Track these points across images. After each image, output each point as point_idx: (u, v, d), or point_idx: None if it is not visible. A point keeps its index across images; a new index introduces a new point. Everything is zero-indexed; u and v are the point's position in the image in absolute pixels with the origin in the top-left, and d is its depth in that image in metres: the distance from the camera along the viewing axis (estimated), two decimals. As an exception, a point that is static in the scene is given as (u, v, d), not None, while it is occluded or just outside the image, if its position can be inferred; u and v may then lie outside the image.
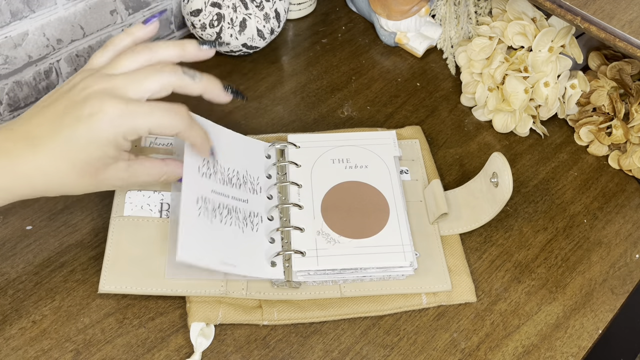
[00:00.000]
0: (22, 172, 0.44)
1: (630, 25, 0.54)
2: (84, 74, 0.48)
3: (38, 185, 0.46)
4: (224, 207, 0.55)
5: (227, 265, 0.52)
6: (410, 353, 0.53)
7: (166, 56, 0.49)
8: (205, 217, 0.53)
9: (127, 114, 0.45)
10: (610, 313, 0.57)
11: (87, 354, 0.51)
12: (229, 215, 0.55)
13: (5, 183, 0.44)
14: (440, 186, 0.60)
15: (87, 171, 0.46)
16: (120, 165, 0.48)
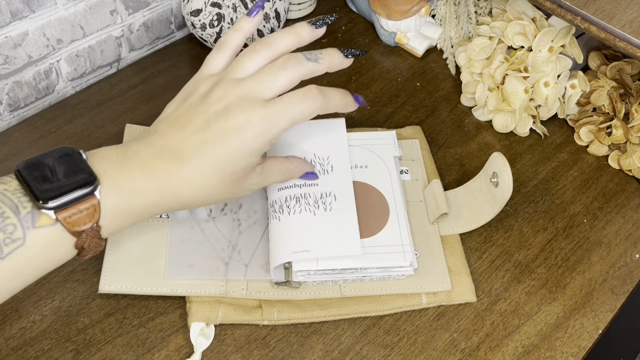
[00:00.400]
0: (172, 188, 0.44)
1: (630, 25, 0.54)
2: (209, 81, 0.47)
3: (187, 199, 0.45)
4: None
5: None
6: (410, 353, 0.53)
7: (285, 48, 0.48)
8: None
9: (270, 118, 0.45)
10: (610, 313, 0.57)
11: (87, 354, 0.51)
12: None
13: (155, 199, 0.44)
14: (440, 186, 0.60)
15: (233, 181, 0.46)
16: (257, 169, 0.48)
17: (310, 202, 0.55)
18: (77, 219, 0.40)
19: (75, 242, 0.40)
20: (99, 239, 0.41)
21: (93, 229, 0.40)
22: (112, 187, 0.42)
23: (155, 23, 0.75)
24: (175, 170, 0.44)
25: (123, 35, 0.73)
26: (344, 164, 0.58)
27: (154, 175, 0.43)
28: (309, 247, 0.53)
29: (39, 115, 0.68)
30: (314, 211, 0.55)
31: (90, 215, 0.40)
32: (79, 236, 0.40)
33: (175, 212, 0.57)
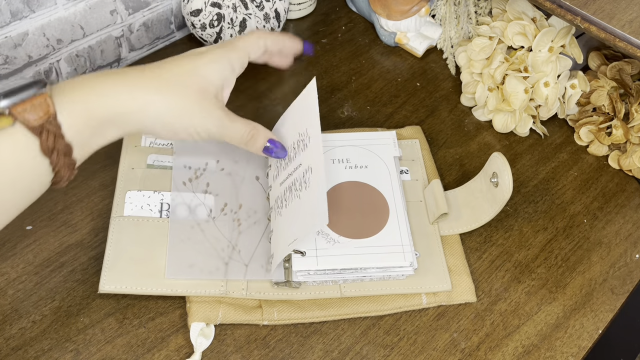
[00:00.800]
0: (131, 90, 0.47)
1: (630, 25, 0.54)
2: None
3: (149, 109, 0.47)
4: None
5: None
6: (410, 353, 0.53)
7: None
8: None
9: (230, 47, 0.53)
10: (610, 313, 0.57)
11: (87, 354, 0.51)
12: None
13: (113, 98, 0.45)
14: (440, 186, 0.60)
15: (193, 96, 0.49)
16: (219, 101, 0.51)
17: (297, 187, 0.54)
18: (31, 111, 0.41)
19: (39, 144, 0.41)
20: (64, 143, 0.42)
21: (52, 124, 0.41)
22: (66, 85, 0.44)
23: (155, 23, 0.75)
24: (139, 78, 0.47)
25: (123, 35, 0.73)
26: (315, 129, 0.55)
27: (113, 79, 0.46)
28: (295, 236, 0.52)
29: (39, 115, 0.68)
30: (299, 195, 0.54)
31: (43, 108, 0.41)
32: (40, 134, 0.41)
33: (176, 210, 0.57)
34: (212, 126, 0.50)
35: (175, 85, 0.48)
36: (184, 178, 0.59)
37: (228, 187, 0.60)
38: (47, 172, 0.43)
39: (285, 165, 0.57)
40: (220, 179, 0.60)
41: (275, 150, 0.55)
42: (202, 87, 0.50)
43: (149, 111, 0.47)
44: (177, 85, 0.48)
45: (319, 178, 0.51)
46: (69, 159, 0.43)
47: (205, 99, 0.50)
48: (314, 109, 0.55)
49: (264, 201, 0.60)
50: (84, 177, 0.62)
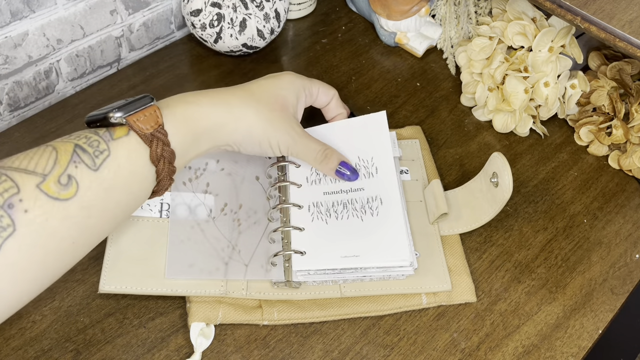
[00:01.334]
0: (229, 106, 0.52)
1: (630, 25, 0.54)
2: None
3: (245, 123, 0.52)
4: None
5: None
6: (410, 353, 0.53)
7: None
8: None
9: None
10: (610, 313, 0.57)
11: (87, 354, 0.51)
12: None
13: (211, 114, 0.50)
14: (440, 186, 0.60)
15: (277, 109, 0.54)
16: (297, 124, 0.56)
17: (357, 208, 0.57)
18: (143, 121, 0.45)
19: (149, 152, 0.45)
20: (170, 151, 0.46)
21: (161, 132, 0.45)
22: (168, 100, 0.49)
23: (155, 23, 0.75)
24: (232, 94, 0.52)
25: (123, 35, 0.73)
26: (389, 164, 0.58)
27: (212, 95, 0.51)
28: (358, 253, 0.54)
29: (39, 115, 0.68)
30: (361, 217, 0.56)
31: (154, 118, 0.46)
32: (151, 143, 0.45)
33: (176, 210, 0.57)
34: (292, 141, 0.54)
35: (264, 100, 0.53)
36: (184, 178, 0.59)
37: (228, 187, 0.60)
38: (152, 180, 0.47)
39: (335, 179, 0.59)
40: (220, 179, 0.60)
41: (348, 174, 0.58)
42: (284, 104, 0.54)
43: (241, 122, 0.51)
44: (266, 100, 0.53)
45: (397, 218, 0.55)
46: (171, 167, 0.47)
47: (287, 115, 0.54)
48: (387, 146, 0.59)
49: (264, 201, 0.60)
50: (84, 177, 0.62)
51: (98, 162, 0.43)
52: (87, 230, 0.43)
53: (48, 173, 0.41)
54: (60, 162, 0.41)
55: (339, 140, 0.60)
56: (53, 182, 0.40)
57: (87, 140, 0.43)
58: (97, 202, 0.43)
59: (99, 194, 0.42)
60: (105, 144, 0.44)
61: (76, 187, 0.41)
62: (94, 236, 0.44)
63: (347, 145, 0.60)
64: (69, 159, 0.42)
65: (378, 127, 0.60)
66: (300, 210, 0.57)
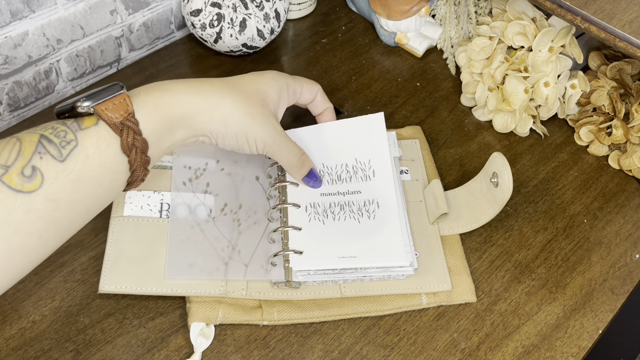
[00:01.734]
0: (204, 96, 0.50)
1: (630, 25, 0.54)
2: None
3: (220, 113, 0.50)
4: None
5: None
6: (410, 353, 0.53)
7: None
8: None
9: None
10: (610, 313, 0.57)
11: (87, 354, 0.51)
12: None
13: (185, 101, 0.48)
14: (440, 186, 0.60)
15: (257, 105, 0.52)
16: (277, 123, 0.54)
17: (354, 210, 0.57)
18: (112, 109, 0.44)
19: (120, 142, 0.44)
20: (142, 140, 0.45)
21: (131, 121, 0.44)
22: (140, 88, 0.47)
23: (155, 23, 0.75)
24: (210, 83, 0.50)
25: (123, 35, 0.73)
26: (386, 166, 0.58)
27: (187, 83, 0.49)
28: (355, 254, 0.54)
29: (39, 115, 0.68)
30: (358, 219, 0.56)
31: (123, 107, 0.44)
32: (121, 132, 0.43)
33: (176, 210, 0.57)
34: (270, 140, 0.52)
35: (243, 92, 0.51)
36: (184, 178, 0.59)
37: (228, 187, 0.60)
38: (125, 171, 0.45)
39: (330, 180, 0.58)
40: (220, 179, 0.60)
41: (314, 181, 0.58)
42: (264, 100, 0.53)
43: (217, 112, 0.49)
44: (245, 92, 0.51)
45: (393, 222, 0.55)
46: (145, 157, 0.45)
47: (267, 111, 0.52)
48: (384, 149, 0.59)
49: (264, 201, 0.59)
50: (84, 177, 0.62)
51: (65, 153, 0.41)
52: (55, 224, 0.41)
53: (10, 165, 0.39)
54: (24, 154, 0.40)
55: (334, 141, 0.60)
56: (16, 174, 0.39)
57: (53, 131, 0.42)
58: (65, 194, 0.41)
59: (66, 186, 0.41)
60: (72, 134, 0.42)
61: (41, 179, 0.40)
62: (64, 230, 0.43)
63: (344, 146, 0.60)
64: (33, 150, 0.41)
65: (376, 129, 0.60)
66: (298, 210, 0.57)
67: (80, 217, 0.44)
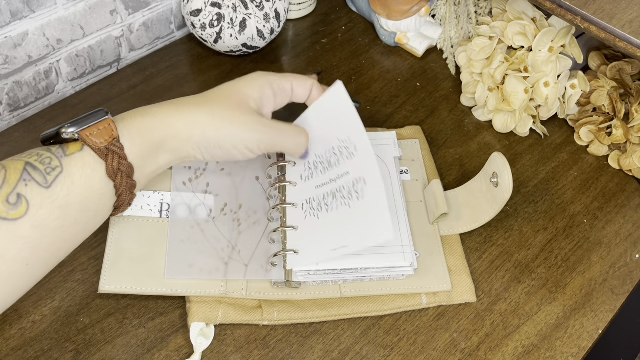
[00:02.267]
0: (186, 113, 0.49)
1: (630, 25, 0.54)
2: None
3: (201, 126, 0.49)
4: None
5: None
6: (410, 353, 0.53)
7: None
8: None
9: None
10: (610, 313, 0.57)
11: (87, 354, 0.51)
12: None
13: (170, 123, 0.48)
14: (440, 186, 0.60)
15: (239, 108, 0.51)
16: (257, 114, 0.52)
17: (345, 195, 0.54)
18: (97, 135, 0.44)
19: (106, 168, 0.44)
20: (127, 164, 0.45)
21: (116, 146, 0.44)
22: (124, 115, 0.47)
23: (155, 23, 0.75)
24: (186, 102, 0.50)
25: (123, 35, 0.73)
26: (363, 137, 0.54)
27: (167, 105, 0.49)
28: (346, 243, 0.53)
29: (39, 115, 0.68)
30: (349, 203, 0.54)
31: (108, 132, 0.44)
32: (106, 157, 0.44)
33: (176, 210, 0.57)
34: (261, 135, 0.51)
35: (219, 100, 0.50)
36: (184, 178, 0.59)
37: (228, 187, 0.60)
38: (111, 195, 0.45)
39: (323, 169, 0.56)
40: (220, 179, 0.60)
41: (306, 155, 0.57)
42: (241, 100, 0.51)
43: (196, 127, 0.49)
44: (222, 99, 0.50)
45: (378, 192, 0.51)
46: (130, 181, 0.46)
47: (247, 110, 0.51)
48: (354, 117, 0.54)
49: (264, 201, 0.59)
50: (84, 177, 0.62)
51: (50, 180, 0.41)
52: (41, 251, 0.41)
53: None
54: (9, 181, 0.40)
55: (315, 129, 0.57)
56: (0, 201, 0.39)
57: (38, 158, 0.42)
58: (51, 221, 0.41)
59: (52, 213, 0.41)
60: (57, 161, 0.42)
61: (26, 206, 0.40)
62: (51, 257, 0.43)
63: (324, 130, 0.57)
64: (18, 177, 0.41)
65: (340, 100, 0.55)
66: (295, 210, 0.57)
67: (67, 243, 0.44)
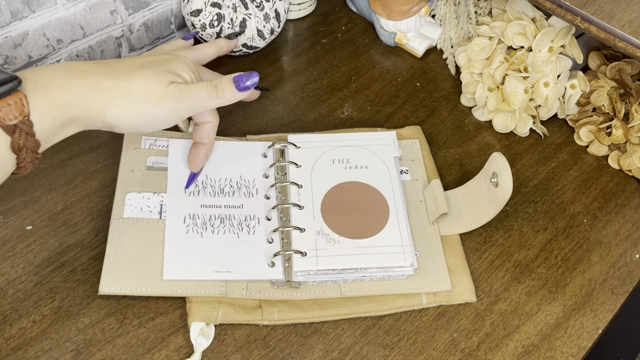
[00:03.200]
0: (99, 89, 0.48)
1: (630, 25, 0.54)
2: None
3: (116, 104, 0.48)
4: (216, 217, 0.57)
5: (222, 272, 0.54)
6: (410, 353, 0.53)
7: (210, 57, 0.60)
8: (194, 233, 0.56)
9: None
10: (610, 313, 0.57)
11: (87, 354, 0.51)
12: (221, 224, 0.57)
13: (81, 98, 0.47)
14: (440, 186, 0.60)
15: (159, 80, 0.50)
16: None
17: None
18: (7, 111, 0.42)
19: (10, 142, 0.43)
20: (34, 141, 0.44)
21: (25, 124, 0.43)
22: (37, 84, 0.44)
23: (155, 23, 0.75)
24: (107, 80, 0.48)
25: (123, 35, 0.73)
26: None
27: (88, 76, 0.47)
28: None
29: (39, 115, 0.68)
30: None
31: (19, 107, 0.42)
32: (13, 133, 0.42)
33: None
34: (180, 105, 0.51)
35: (137, 77, 0.49)
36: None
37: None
38: (12, 165, 0.44)
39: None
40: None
41: (248, 80, 0.54)
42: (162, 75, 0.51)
43: (110, 107, 0.48)
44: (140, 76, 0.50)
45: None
46: (35, 154, 0.45)
47: (164, 82, 0.50)
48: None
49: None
50: (84, 177, 0.62)
51: None
52: None
53: None
54: None
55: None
56: None
57: None
58: None
59: None
60: None
61: None
62: None
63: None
64: None
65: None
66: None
67: None
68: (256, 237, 0.57)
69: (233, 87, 0.53)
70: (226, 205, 0.58)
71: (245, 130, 0.67)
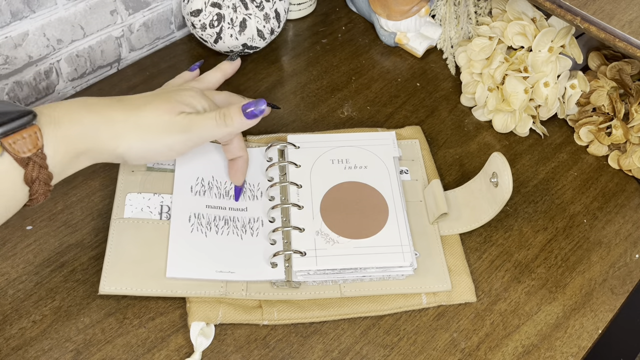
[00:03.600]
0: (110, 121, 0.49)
1: (630, 25, 0.54)
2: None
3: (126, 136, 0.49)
4: (220, 218, 0.57)
5: (224, 273, 0.54)
6: (410, 353, 0.53)
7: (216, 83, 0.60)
8: (199, 232, 0.56)
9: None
10: (610, 313, 0.57)
11: (87, 354, 0.51)
12: (225, 225, 0.57)
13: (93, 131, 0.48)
14: (440, 186, 0.60)
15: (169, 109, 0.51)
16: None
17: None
18: (21, 144, 0.43)
19: (24, 174, 0.43)
20: (47, 173, 0.45)
21: (39, 156, 0.43)
22: (51, 117, 0.46)
23: (155, 23, 0.75)
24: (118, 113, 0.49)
25: (123, 35, 0.73)
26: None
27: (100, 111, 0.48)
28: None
29: (39, 115, 0.68)
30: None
31: (33, 140, 0.43)
32: (26, 166, 0.43)
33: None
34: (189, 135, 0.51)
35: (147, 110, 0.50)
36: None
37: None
38: (24, 197, 0.45)
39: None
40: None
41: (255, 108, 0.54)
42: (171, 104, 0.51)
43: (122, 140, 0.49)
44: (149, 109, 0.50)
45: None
46: (47, 187, 0.46)
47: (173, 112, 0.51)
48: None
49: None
50: (84, 177, 0.62)
51: None
52: None
53: None
54: None
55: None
56: None
57: None
58: None
59: None
60: None
61: None
62: None
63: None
64: None
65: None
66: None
67: None
68: (259, 238, 0.57)
69: (241, 115, 0.53)
70: (231, 208, 0.58)
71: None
